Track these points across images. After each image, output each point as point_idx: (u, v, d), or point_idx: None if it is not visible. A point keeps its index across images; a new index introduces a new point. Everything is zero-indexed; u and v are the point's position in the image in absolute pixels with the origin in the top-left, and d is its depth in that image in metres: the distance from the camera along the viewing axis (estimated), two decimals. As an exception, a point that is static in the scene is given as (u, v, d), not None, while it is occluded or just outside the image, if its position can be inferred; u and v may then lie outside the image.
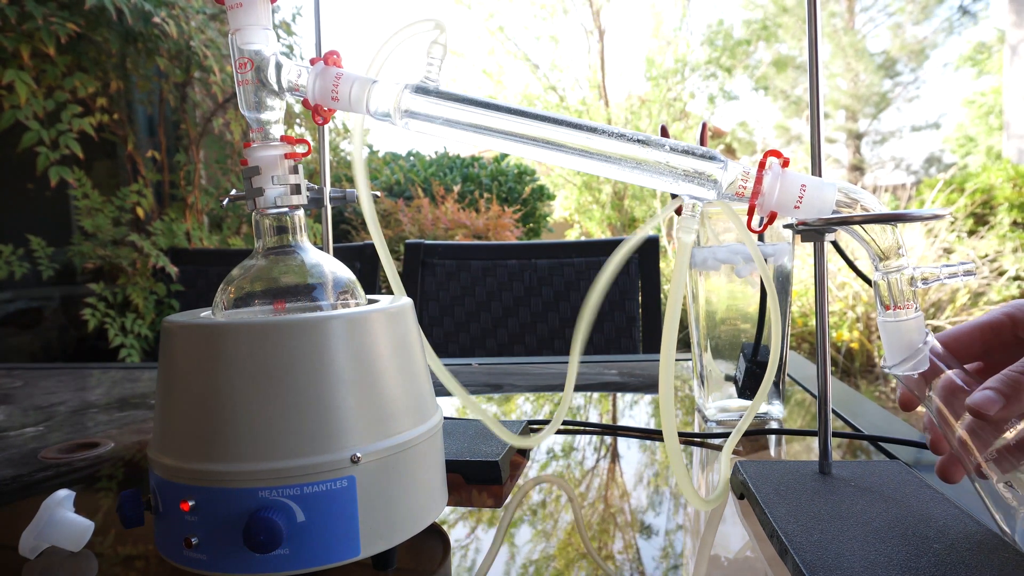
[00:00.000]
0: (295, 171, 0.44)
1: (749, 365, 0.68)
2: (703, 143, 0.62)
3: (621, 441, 0.69)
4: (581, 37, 8.49)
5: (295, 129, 3.08)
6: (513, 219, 4.21)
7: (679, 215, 0.45)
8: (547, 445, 0.68)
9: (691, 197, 0.44)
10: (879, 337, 0.68)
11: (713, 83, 7.34)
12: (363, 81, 0.45)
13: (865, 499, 0.44)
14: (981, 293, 4.30)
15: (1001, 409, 0.39)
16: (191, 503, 0.38)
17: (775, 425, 0.71)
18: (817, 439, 0.50)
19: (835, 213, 0.42)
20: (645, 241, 1.52)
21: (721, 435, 0.68)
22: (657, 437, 0.70)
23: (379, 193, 0.66)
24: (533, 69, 7.96)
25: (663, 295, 1.72)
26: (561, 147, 0.44)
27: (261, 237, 0.45)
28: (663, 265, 1.94)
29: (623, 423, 0.77)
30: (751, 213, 0.43)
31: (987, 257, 4.46)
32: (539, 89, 7.88)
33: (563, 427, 0.75)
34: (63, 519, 0.45)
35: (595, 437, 0.71)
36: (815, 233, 0.46)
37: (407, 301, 0.46)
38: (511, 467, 0.61)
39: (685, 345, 0.67)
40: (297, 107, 2.78)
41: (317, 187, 0.59)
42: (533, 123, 0.44)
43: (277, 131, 0.44)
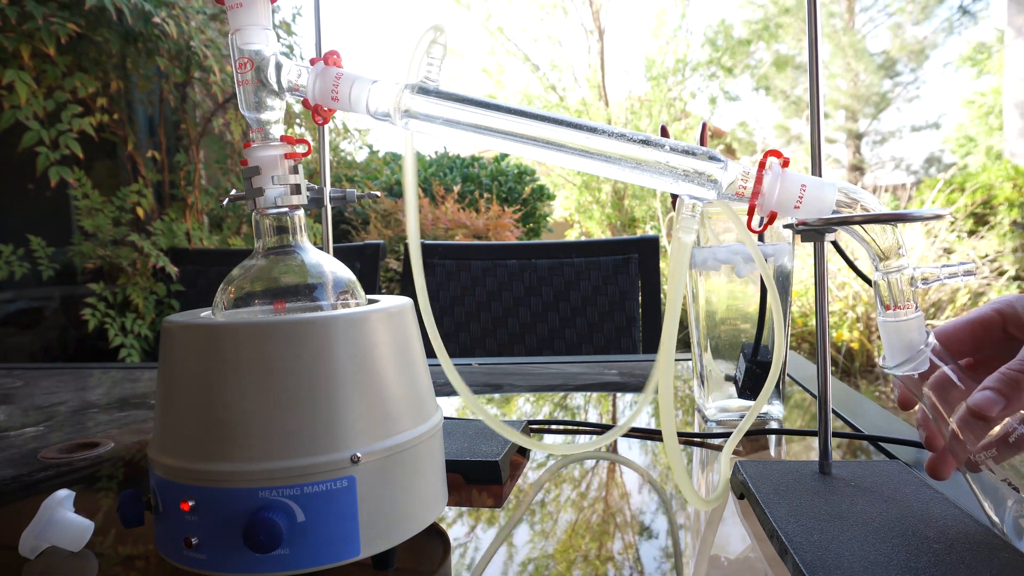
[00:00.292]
0: (295, 171, 0.44)
1: (749, 365, 0.68)
2: (703, 143, 0.62)
3: (621, 441, 0.69)
4: (581, 37, 8.49)
5: (295, 129, 3.08)
6: (513, 219, 4.21)
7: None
8: (537, 448, 0.68)
9: (691, 197, 0.44)
10: (879, 337, 0.68)
11: (713, 83, 7.35)
12: (363, 81, 0.45)
13: (865, 499, 0.44)
14: (981, 293, 4.30)
15: (1002, 409, 0.39)
16: (191, 503, 0.38)
17: (775, 425, 0.71)
18: (817, 439, 0.50)
19: (835, 213, 0.43)
20: (645, 241, 1.52)
21: (721, 435, 0.68)
22: (658, 437, 0.70)
23: (379, 193, 0.67)
24: (533, 69, 7.96)
25: (663, 295, 1.72)
26: (561, 147, 0.44)
27: (261, 237, 0.45)
28: (663, 265, 1.94)
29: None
30: (751, 213, 0.43)
31: (987, 257, 4.47)
32: (539, 89, 7.88)
33: (565, 428, 0.75)
34: (63, 519, 0.45)
35: (595, 437, 0.71)
36: (815, 233, 0.46)
37: (407, 301, 0.46)
38: (511, 467, 0.61)
39: (685, 345, 0.67)
40: (297, 107, 2.78)
41: (317, 187, 0.59)
42: (533, 123, 0.44)
43: (277, 131, 0.44)
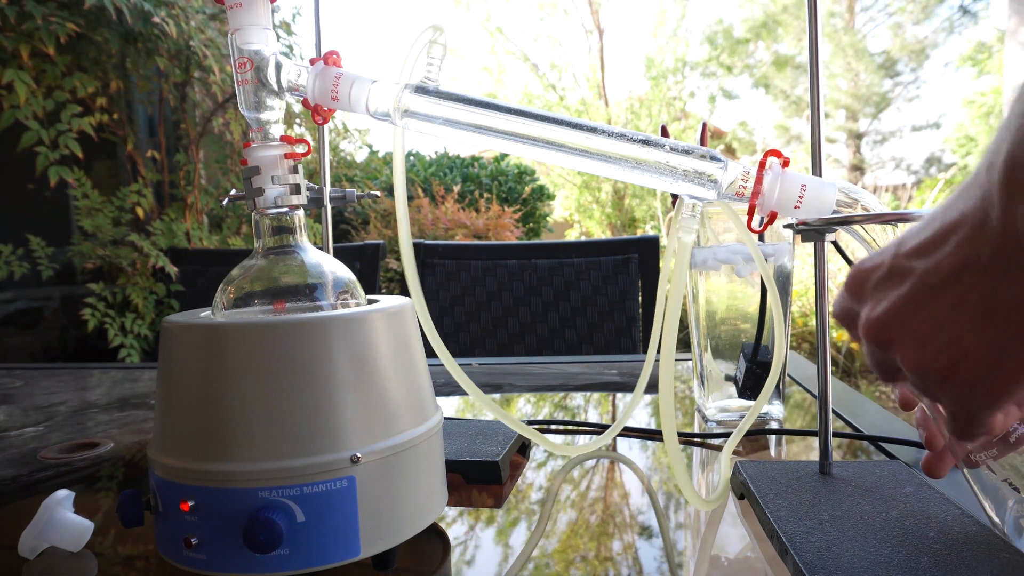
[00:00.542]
0: (295, 171, 0.44)
1: (749, 365, 0.68)
2: (703, 143, 0.62)
3: (621, 441, 0.69)
4: (581, 37, 8.49)
5: (295, 129, 3.08)
6: (513, 219, 4.21)
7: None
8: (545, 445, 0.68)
9: (691, 197, 0.44)
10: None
11: (713, 82, 7.35)
12: (363, 81, 0.45)
13: (865, 499, 0.44)
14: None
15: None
16: (191, 503, 0.37)
17: (775, 425, 0.71)
18: (817, 439, 0.50)
19: (835, 213, 0.43)
20: (645, 241, 1.52)
21: (721, 435, 0.68)
22: (659, 437, 0.70)
23: (379, 192, 0.67)
24: (533, 69, 7.96)
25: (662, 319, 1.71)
26: (561, 147, 0.44)
27: (261, 237, 0.45)
28: (663, 265, 1.94)
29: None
30: (751, 213, 0.43)
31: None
32: (539, 88, 7.88)
33: (565, 428, 0.75)
34: (63, 519, 0.45)
35: (594, 437, 0.71)
36: (815, 233, 0.46)
37: (407, 301, 0.46)
38: (511, 467, 0.61)
39: (685, 345, 0.67)
40: (297, 107, 2.78)
41: (317, 187, 0.59)
42: (533, 123, 0.44)
43: (277, 131, 0.44)
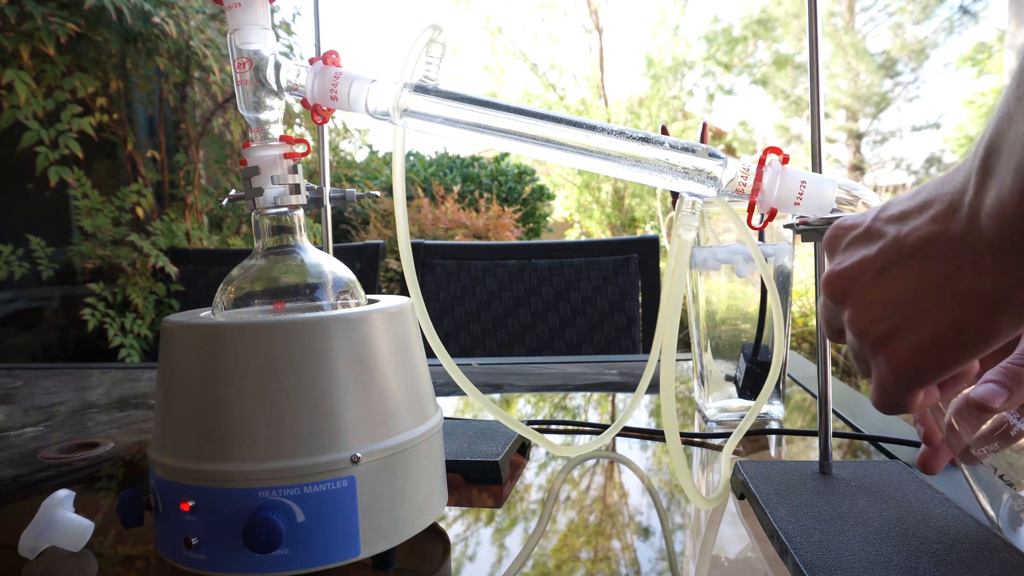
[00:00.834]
0: (294, 171, 0.44)
1: (749, 365, 0.68)
2: (703, 143, 0.61)
3: (621, 441, 0.69)
4: (580, 36, 8.49)
5: (295, 129, 3.08)
6: (513, 219, 4.21)
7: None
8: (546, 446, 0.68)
9: (691, 194, 0.44)
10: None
11: (711, 81, 7.35)
12: (362, 80, 0.45)
13: (865, 499, 0.44)
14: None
15: (1005, 401, 0.39)
16: (191, 503, 0.37)
17: (775, 425, 0.71)
18: (817, 439, 0.50)
19: (836, 210, 0.42)
20: (645, 241, 1.52)
21: (721, 435, 0.68)
22: (659, 437, 0.70)
23: (378, 192, 0.67)
24: (533, 68, 7.96)
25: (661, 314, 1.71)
26: (561, 145, 0.44)
27: (260, 237, 0.45)
28: (663, 265, 1.94)
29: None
30: (751, 210, 0.43)
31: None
32: (539, 88, 7.88)
33: (566, 428, 0.75)
34: (63, 519, 0.45)
35: (594, 437, 0.71)
36: (815, 233, 0.46)
37: (407, 301, 0.46)
38: (511, 467, 0.61)
39: (685, 345, 0.67)
40: (297, 107, 2.78)
41: (317, 187, 0.59)
42: (532, 121, 0.44)
43: (276, 131, 0.44)
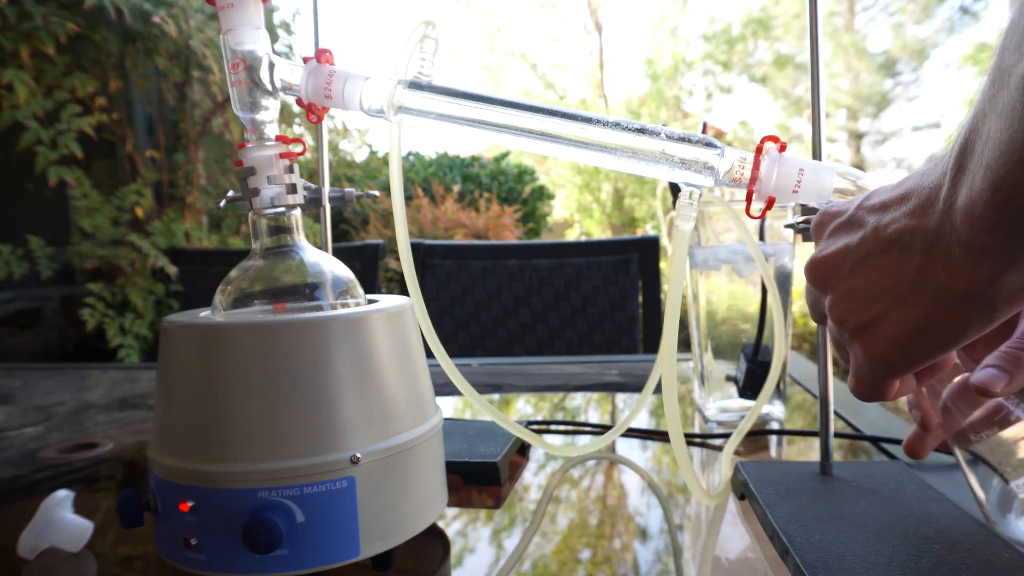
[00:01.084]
0: (290, 170, 0.44)
1: (750, 365, 0.68)
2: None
3: (621, 441, 0.69)
4: (580, 36, 8.49)
5: (294, 128, 3.07)
6: (513, 219, 4.21)
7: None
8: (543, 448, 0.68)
9: (688, 185, 0.44)
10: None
11: (712, 80, 7.34)
12: (356, 78, 0.44)
13: (866, 499, 0.44)
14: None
15: (1005, 386, 0.39)
16: (191, 503, 0.37)
17: (776, 426, 0.71)
18: (818, 439, 0.50)
19: (838, 199, 0.42)
20: (645, 241, 1.52)
21: (722, 435, 0.67)
22: (659, 437, 0.70)
23: (377, 192, 0.67)
24: (532, 68, 7.96)
25: (664, 295, 1.72)
26: (556, 138, 0.44)
27: (258, 238, 0.45)
28: (663, 265, 1.94)
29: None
30: (749, 199, 0.43)
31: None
32: (538, 87, 7.88)
33: (566, 429, 0.75)
34: (62, 519, 0.45)
35: (594, 437, 0.71)
36: (816, 233, 0.46)
37: (407, 301, 0.46)
38: (511, 467, 0.61)
39: (685, 345, 0.67)
40: (296, 107, 2.78)
41: (316, 187, 0.59)
42: (527, 115, 0.43)
43: (272, 131, 0.44)
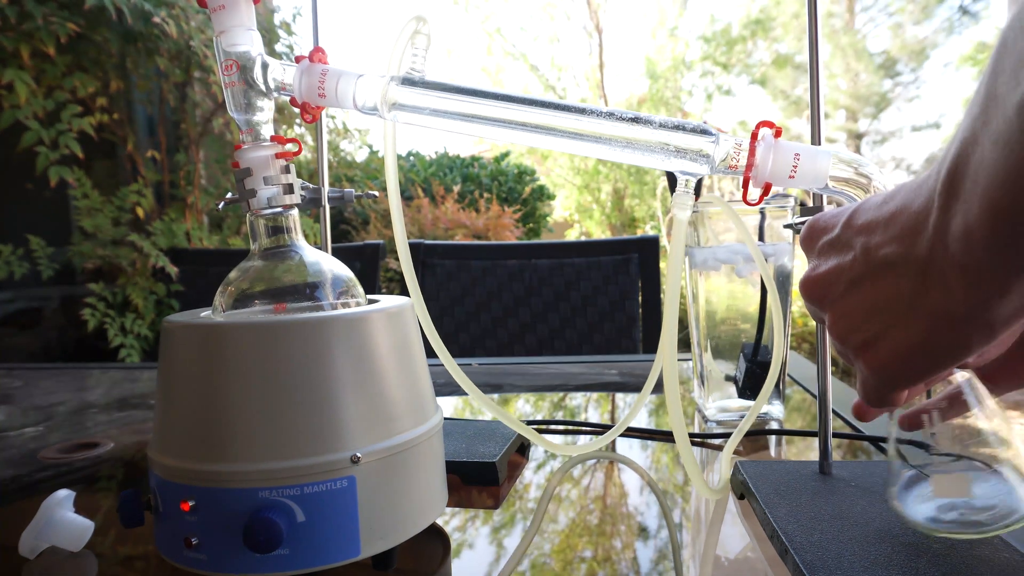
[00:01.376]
0: (287, 171, 0.44)
1: (749, 365, 0.68)
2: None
3: (620, 441, 0.69)
4: (580, 36, 8.49)
5: (295, 129, 3.08)
6: (513, 219, 4.21)
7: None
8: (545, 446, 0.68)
9: (684, 174, 0.44)
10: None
11: (711, 81, 7.34)
12: (349, 76, 0.44)
13: (865, 499, 0.44)
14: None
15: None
16: (191, 503, 0.37)
17: (775, 425, 0.71)
18: (817, 439, 0.50)
19: (837, 188, 0.42)
20: (645, 241, 1.52)
21: (721, 435, 0.68)
22: (658, 437, 0.70)
23: (377, 192, 0.67)
24: (532, 69, 7.96)
25: (664, 295, 1.71)
26: (551, 130, 0.43)
27: (257, 238, 0.45)
28: (663, 265, 1.93)
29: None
30: (745, 186, 0.43)
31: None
32: (538, 88, 7.87)
33: (566, 428, 0.75)
34: (63, 519, 0.45)
35: (594, 437, 0.71)
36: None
37: (407, 301, 0.46)
38: (510, 467, 0.61)
39: (685, 345, 0.67)
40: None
41: (315, 187, 0.59)
42: (522, 108, 0.43)
43: (267, 131, 0.44)
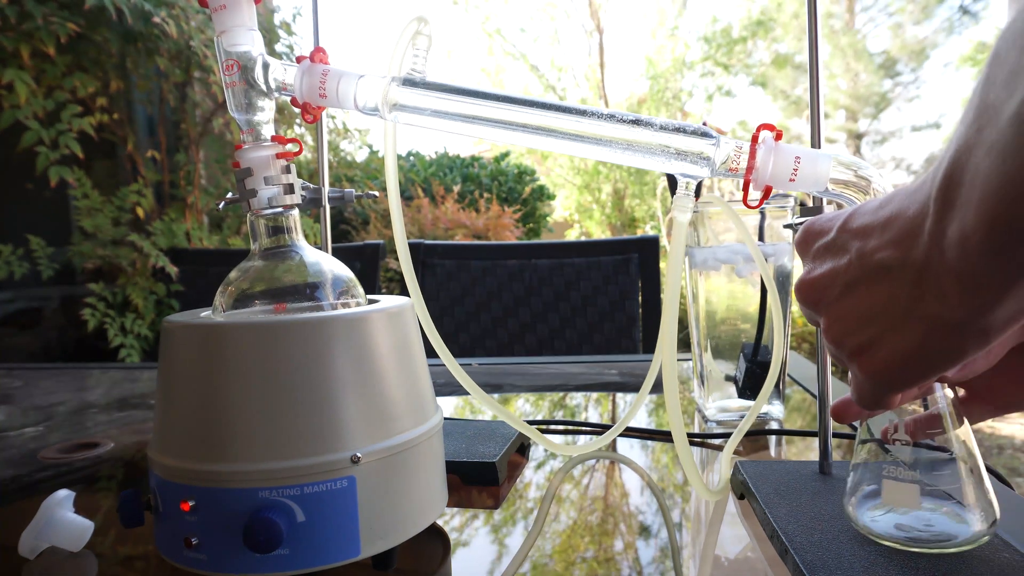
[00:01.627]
0: (287, 171, 0.44)
1: (749, 365, 0.68)
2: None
3: (621, 441, 0.69)
4: (580, 37, 8.49)
5: (295, 129, 3.08)
6: (513, 219, 4.21)
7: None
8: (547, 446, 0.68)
9: (685, 176, 0.44)
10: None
11: (711, 81, 7.34)
12: (350, 76, 0.44)
13: (865, 499, 0.44)
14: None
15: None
16: (191, 503, 0.37)
17: (775, 425, 0.71)
18: (817, 439, 0.50)
19: (836, 191, 0.42)
20: (645, 241, 1.52)
21: (721, 435, 0.68)
22: (659, 437, 0.70)
23: (377, 192, 0.67)
24: (533, 69, 7.96)
25: (663, 295, 1.71)
26: (551, 132, 0.43)
27: (257, 239, 0.45)
28: (663, 265, 1.93)
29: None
30: (746, 188, 0.43)
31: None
32: (538, 89, 7.87)
33: (566, 428, 0.75)
34: (63, 519, 0.45)
35: (594, 437, 0.71)
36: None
37: (407, 301, 0.46)
38: (510, 467, 0.61)
39: (685, 345, 0.67)
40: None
41: (315, 187, 0.59)
42: (522, 109, 0.43)
43: (268, 132, 0.44)
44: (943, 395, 0.38)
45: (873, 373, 0.32)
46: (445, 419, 0.61)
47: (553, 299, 1.53)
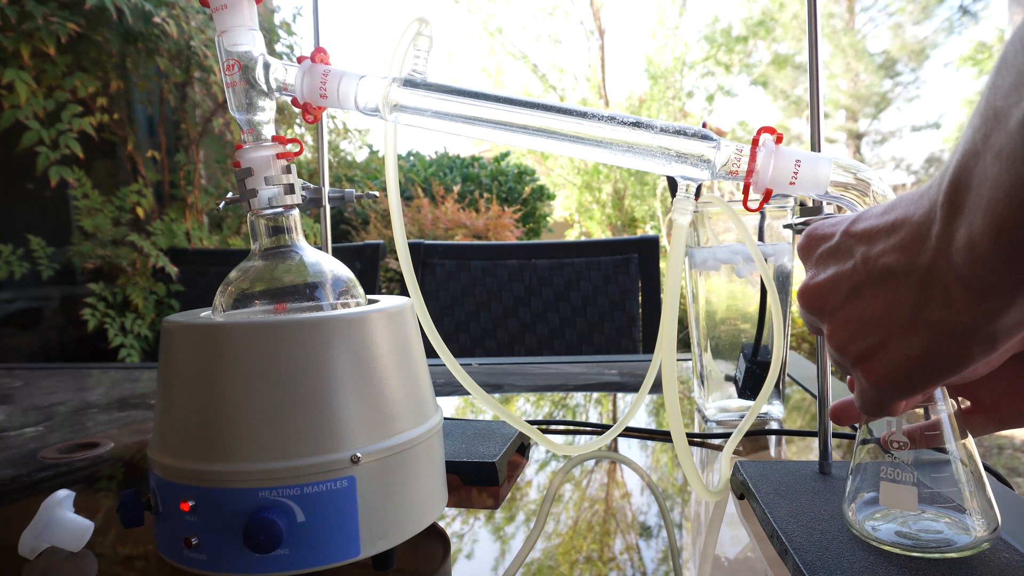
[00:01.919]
0: (288, 171, 0.44)
1: (749, 365, 0.68)
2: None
3: (621, 441, 0.69)
4: (581, 37, 8.49)
5: (295, 129, 3.08)
6: (513, 219, 4.21)
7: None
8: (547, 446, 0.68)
9: (685, 179, 0.44)
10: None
11: (712, 81, 7.34)
12: (351, 76, 0.44)
13: (865, 499, 0.44)
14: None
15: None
16: (191, 503, 0.37)
17: (775, 425, 0.71)
18: (817, 439, 0.50)
19: (836, 193, 0.42)
20: (645, 241, 1.52)
21: (721, 435, 0.68)
22: (659, 437, 0.70)
23: (377, 192, 0.67)
24: (533, 69, 7.96)
25: (663, 295, 1.71)
26: (552, 133, 0.43)
27: (257, 239, 0.45)
28: (663, 265, 1.94)
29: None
30: (746, 191, 0.43)
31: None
32: (539, 89, 7.88)
33: (566, 428, 0.75)
34: (63, 519, 0.45)
35: (594, 437, 0.71)
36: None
37: (407, 301, 0.46)
38: (510, 467, 0.61)
39: (685, 345, 0.67)
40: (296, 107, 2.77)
41: (316, 187, 0.59)
42: (523, 110, 0.43)
43: (268, 132, 0.44)
44: (945, 402, 0.38)
45: (877, 379, 0.32)
46: (445, 419, 0.61)
47: (553, 299, 1.53)
